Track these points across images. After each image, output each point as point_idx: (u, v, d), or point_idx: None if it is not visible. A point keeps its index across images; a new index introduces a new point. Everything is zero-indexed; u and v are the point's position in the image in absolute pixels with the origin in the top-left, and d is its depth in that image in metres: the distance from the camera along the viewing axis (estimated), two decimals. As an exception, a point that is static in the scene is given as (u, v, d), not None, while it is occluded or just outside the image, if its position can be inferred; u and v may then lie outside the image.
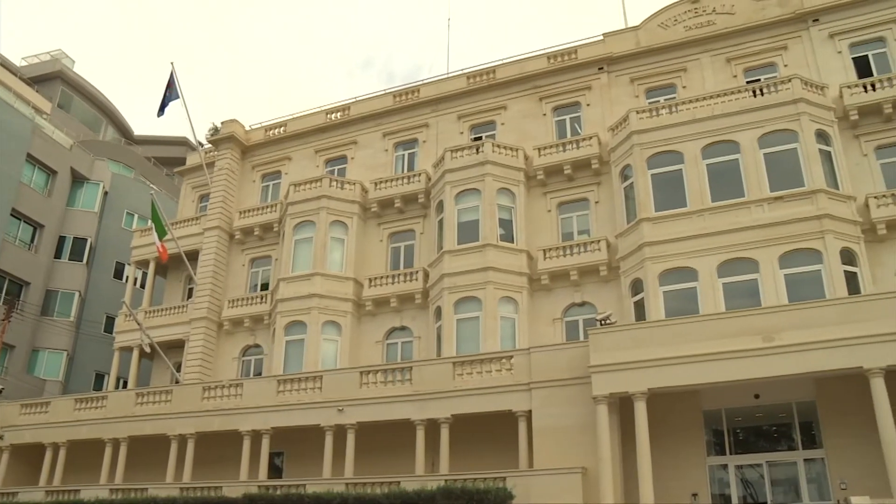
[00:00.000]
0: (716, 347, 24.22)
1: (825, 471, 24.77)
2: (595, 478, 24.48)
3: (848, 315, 23.64)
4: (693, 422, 26.46)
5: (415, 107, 42.48)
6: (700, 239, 30.90)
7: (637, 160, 33.24)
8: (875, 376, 22.46)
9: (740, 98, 32.76)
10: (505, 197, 36.05)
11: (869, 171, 32.27)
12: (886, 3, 35.17)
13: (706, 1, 38.52)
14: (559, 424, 26.29)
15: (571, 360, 26.97)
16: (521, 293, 34.35)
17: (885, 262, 30.44)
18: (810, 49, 35.82)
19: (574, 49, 40.06)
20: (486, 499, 23.15)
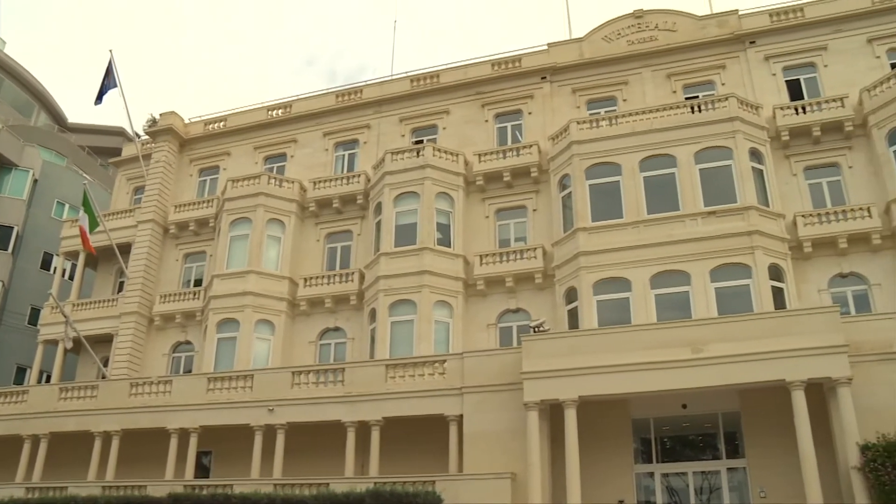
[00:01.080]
0: (646, 357, 24.59)
1: (746, 479, 25.36)
2: (524, 483, 24.64)
3: (773, 329, 24.27)
4: (622, 430, 26.82)
5: (357, 107, 42.32)
6: (635, 250, 31.42)
7: (576, 170, 33.65)
8: (796, 389, 23.11)
9: (679, 114, 33.45)
10: (444, 201, 36.16)
11: (798, 190, 33.27)
12: (817, 30, 36.61)
13: (649, 17, 39.27)
14: (490, 429, 26.41)
15: (504, 365, 27.12)
16: (456, 298, 34.47)
17: (810, 278, 31.40)
18: (747, 70, 36.80)
19: (518, 57, 40.40)
20: (414, 502, 23.11)
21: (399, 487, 23.95)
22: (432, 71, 41.74)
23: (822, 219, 31.85)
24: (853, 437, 22.22)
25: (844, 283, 31.49)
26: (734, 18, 38.03)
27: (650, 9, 39.52)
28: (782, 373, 23.35)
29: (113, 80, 42.56)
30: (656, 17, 39.23)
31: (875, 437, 21.90)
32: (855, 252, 31.39)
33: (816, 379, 23.28)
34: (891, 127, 32.11)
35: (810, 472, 22.13)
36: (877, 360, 23.81)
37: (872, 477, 21.36)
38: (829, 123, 33.48)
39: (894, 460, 21.10)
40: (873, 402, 23.02)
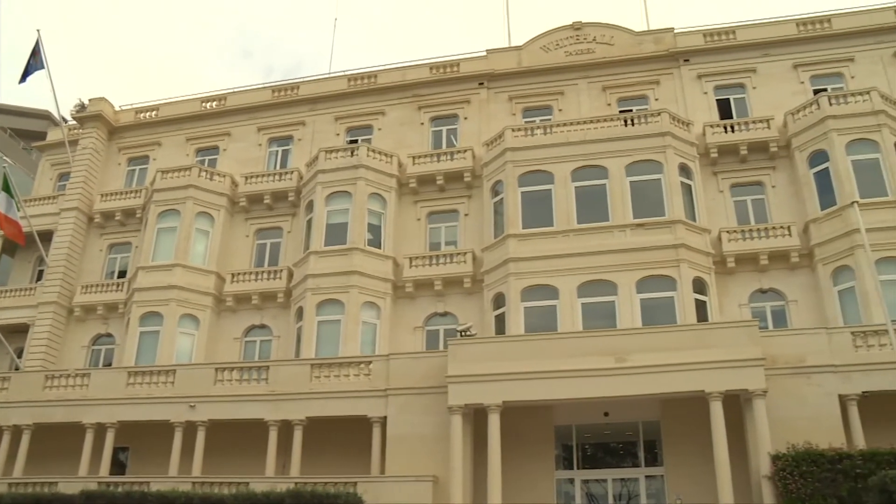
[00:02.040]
0: (571, 365, 24.90)
1: (664, 487, 25.90)
2: (446, 486, 24.66)
3: (695, 341, 24.91)
4: (544, 436, 27.09)
5: (293, 104, 41.94)
6: (563, 259, 31.79)
7: (509, 177, 33.91)
8: (715, 400, 23.72)
9: (612, 126, 34.03)
10: (376, 202, 36.05)
11: (724, 206, 34.16)
12: (747, 53, 37.82)
13: (588, 30, 39.86)
14: (414, 432, 26.37)
15: (430, 368, 27.12)
16: (384, 299, 34.37)
17: (731, 293, 32.22)
18: (680, 86, 37.64)
19: (457, 62, 40.56)
20: (335, 503, 23.00)
21: (320, 488, 23.80)
22: (370, 71, 41.63)
23: (745, 235, 32.76)
24: (765, 447, 22.93)
25: (764, 298, 32.40)
26: (670, 36, 38.87)
27: (589, 21, 40.13)
28: (702, 384, 23.95)
29: (40, 61, 41.34)
30: (595, 30, 39.83)
31: (785, 448, 22.60)
32: (775, 269, 32.35)
33: (734, 390, 23.96)
34: (812, 150, 33.20)
35: (724, 480, 22.77)
36: (790, 373, 24.62)
37: (781, 485, 22.06)
38: (756, 143, 34.49)
39: (802, 470, 21.85)
40: (785, 414, 23.79)
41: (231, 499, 23.90)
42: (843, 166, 32.00)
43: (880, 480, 19.97)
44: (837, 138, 32.52)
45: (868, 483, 20.62)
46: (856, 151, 32.31)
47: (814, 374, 24.60)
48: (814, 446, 22.34)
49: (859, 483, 21.13)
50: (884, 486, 19.73)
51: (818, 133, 33.11)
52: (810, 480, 21.67)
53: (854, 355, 24.88)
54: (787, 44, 37.55)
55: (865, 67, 36.49)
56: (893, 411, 21.95)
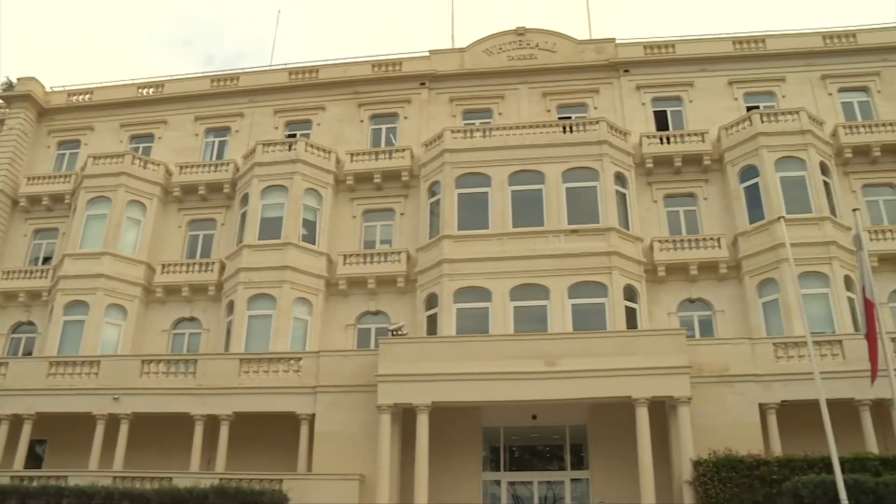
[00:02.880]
0: (500, 367, 25.05)
1: (588, 490, 26.25)
2: (373, 486, 24.58)
3: (624, 347, 25.33)
4: (472, 437, 27.21)
5: (232, 94, 41.29)
6: (497, 262, 31.96)
7: (446, 178, 33.97)
8: (640, 406, 24.14)
9: (551, 132, 34.38)
10: (312, 198, 35.73)
11: (657, 216, 34.77)
12: (685, 67, 38.65)
13: (531, 35, 40.19)
14: (342, 430, 26.19)
15: (360, 367, 26.98)
16: (317, 296, 34.08)
17: (661, 301, 32.79)
18: (619, 96, 38.20)
19: (399, 61, 40.49)
20: (260, 500, 22.67)
21: (245, 485, 23.51)
22: (312, 65, 41.27)
23: (676, 245, 33.39)
24: (688, 452, 23.43)
25: (692, 307, 33.06)
26: (611, 46, 39.44)
27: (532, 28, 40.49)
28: (629, 389, 24.35)
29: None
30: (538, 36, 40.19)
31: (707, 454, 23.11)
32: (704, 279, 33.05)
33: (660, 397, 24.44)
34: (743, 165, 34.02)
35: (647, 485, 23.23)
36: (715, 381, 25.23)
37: (702, 490, 22.56)
38: (690, 156, 35.21)
39: (721, 475, 22.40)
40: (708, 421, 24.40)
41: (153, 494, 23.32)
42: (772, 182, 32.87)
43: (793, 486, 20.67)
44: (767, 155, 33.40)
45: (782, 488, 21.29)
46: (784, 168, 33.23)
47: (737, 382, 25.31)
48: (734, 453, 22.90)
49: (774, 488, 21.76)
50: (796, 492, 20.44)
51: (750, 149, 33.96)
52: (729, 486, 22.23)
53: (775, 365, 25.69)
54: (723, 60, 38.48)
55: (795, 88, 37.61)
56: (809, 420, 22.53)
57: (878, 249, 32.03)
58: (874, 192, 35.01)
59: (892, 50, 38.05)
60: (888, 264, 32.41)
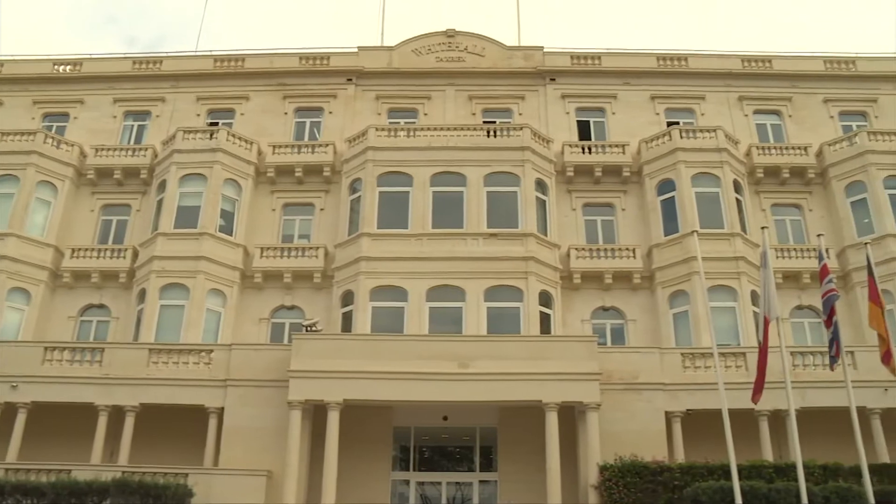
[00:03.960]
0: (414, 367, 25.03)
1: (496, 492, 26.43)
2: (280, 482, 24.25)
3: (536, 352, 25.65)
4: (383, 436, 27.11)
5: (154, 78, 40.22)
6: (415, 262, 31.97)
7: (368, 176, 33.83)
8: (551, 410, 24.44)
9: (475, 135, 34.59)
10: (231, 188, 35.11)
11: (574, 224, 35.32)
12: (610, 79, 39.42)
13: (460, 38, 40.36)
14: (251, 425, 25.75)
15: (273, 361, 26.59)
16: (231, 288, 33.48)
17: (575, 308, 33.30)
18: (544, 104, 38.67)
19: (327, 55, 40.14)
20: (163, 494, 22.14)
21: (148, 478, 22.82)
22: (238, 54, 40.54)
23: (592, 254, 33.95)
24: (595, 457, 23.87)
25: (605, 315, 33.66)
26: (539, 54, 39.90)
27: (462, 31, 40.63)
28: (540, 394, 24.64)
29: None
30: (467, 39, 40.38)
31: (613, 459, 23.56)
32: (618, 288, 33.69)
33: (570, 402, 24.82)
34: (660, 178, 34.85)
35: (554, 488, 23.55)
36: (624, 389, 25.77)
37: (606, 494, 23.00)
38: (610, 166, 35.89)
39: (626, 480, 22.90)
40: (616, 427, 24.90)
41: (49, 487, 22.38)
42: (688, 197, 33.74)
43: (693, 492, 21.55)
44: (685, 170, 34.28)
45: (683, 494, 21.99)
46: (700, 184, 34.17)
47: (645, 390, 25.92)
48: (639, 458, 23.45)
49: (676, 494, 22.39)
50: (696, 497, 21.34)
51: (668, 163, 34.80)
52: (633, 490, 22.72)
53: (682, 375, 26.44)
54: (647, 75, 39.38)
55: (714, 107, 38.76)
56: (711, 428, 23.18)
57: (782, 267, 33.14)
58: (782, 212, 36.31)
59: (803, 77, 39.62)
60: (791, 281, 33.60)
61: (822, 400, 25.49)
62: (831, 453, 23.42)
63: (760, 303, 22.93)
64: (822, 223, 35.25)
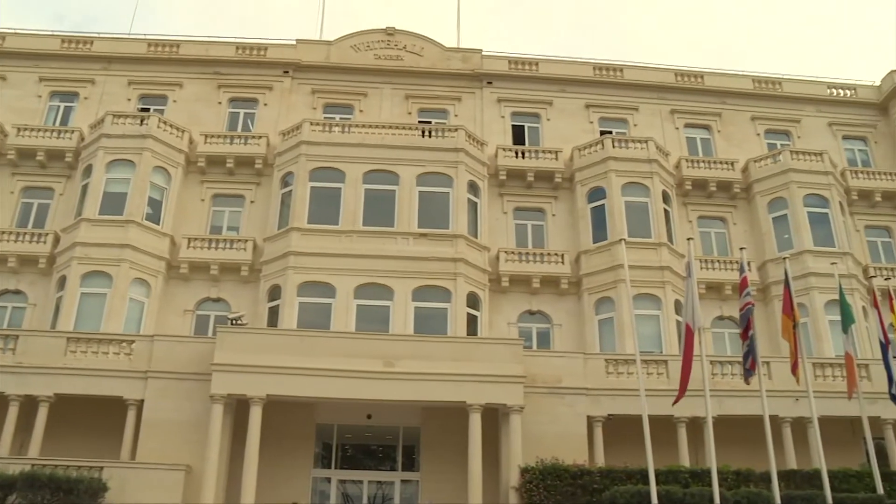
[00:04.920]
0: (339, 365, 24.88)
1: (417, 492, 26.44)
2: (199, 477, 23.80)
3: (462, 354, 25.78)
4: (305, 433, 26.85)
5: (84, 59, 39.01)
6: (344, 258, 31.81)
7: (300, 170, 33.53)
8: (474, 412, 24.57)
9: (409, 135, 34.59)
10: (160, 176, 34.37)
11: (505, 227, 35.62)
12: (546, 85, 39.88)
13: (400, 37, 40.30)
14: (171, 419, 25.14)
15: (196, 354, 26.05)
16: (156, 278, 32.78)
17: (503, 311, 33.56)
18: (480, 107, 38.88)
19: (265, 46, 39.65)
20: (75, 489, 21.34)
21: (60, 472, 21.94)
22: (173, 40, 39.70)
23: (521, 258, 34.26)
24: (517, 459, 24.05)
25: (532, 319, 34.00)
26: (477, 57, 40.09)
27: (402, 29, 40.60)
28: (464, 395, 24.76)
29: None
30: (406, 38, 40.35)
31: (535, 462, 23.77)
32: (545, 293, 34.08)
33: (493, 404, 24.97)
34: (592, 186, 35.36)
35: (475, 489, 23.65)
36: (547, 392, 26.04)
37: (527, 497, 23.19)
38: (543, 172, 36.27)
39: (546, 483, 23.13)
40: (538, 430, 25.12)
41: (-52, 481, 21.41)
42: (617, 205, 34.30)
43: (611, 495, 21.94)
44: (615, 179, 34.84)
45: (602, 497, 22.38)
46: (629, 193, 34.77)
47: (568, 394, 26.25)
48: (560, 462, 23.70)
49: (595, 497, 22.74)
50: (614, 501, 21.74)
51: (599, 171, 35.32)
52: (553, 493, 22.96)
53: (605, 380, 26.87)
54: (582, 84, 39.93)
55: (646, 119, 39.52)
56: (631, 433, 23.65)
57: (706, 278, 33.96)
58: (707, 224, 37.24)
59: (732, 94, 40.75)
60: (714, 292, 34.45)
61: (738, 408, 26.32)
62: (745, 459, 24.13)
63: (683, 312, 23.49)
64: (745, 237, 36.24)
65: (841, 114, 41.56)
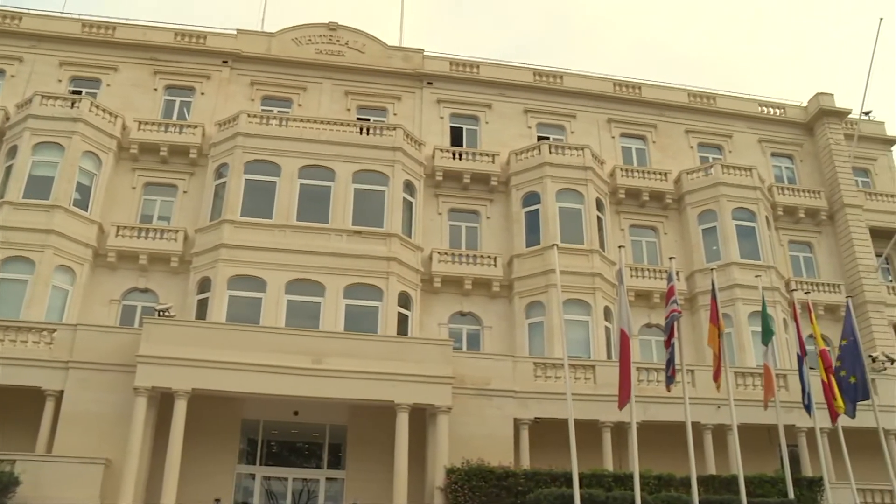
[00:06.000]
0: (267, 360, 24.54)
1: (343, 490, 26.27)
2: (119, 472, 23.15)
3: (392, 353, 25.71)
4: (231, 428, 26.42)
5: (12, 35, 37.45)
6: (277, 253, 31.53)
7: (236, 162, 33.10)
8: (402, 411, 24.54)
9: (347, 131, 34.42)
10: (90, 161, 33.49)
11: (439, 228, 35.73)
12: (486, 89, 40.19)
13: (342, 32, 40.07)
14: (92, 411, 24.40)
15: (121, 345, 25.37)
16: (82, 265, 31.94)
17: (434, 311, 33.65)
18: (419, 107, 38.90)
19: (204, 34, 38.95)
20: (-17, 483, 20.67)
21: (-32, 465, 21.26)
22: (108, 21, 38.64)
23: (454, 259, 34.42)
24: (443, 460, 24.11)
25: (463, 321, 34.18)
26: (419, 57, 40.07)
27: (345, 25, 40.37)
28: (392, 394, 24.71)
29: None
30: (349, 34, 40.13)
31: (461, 463, 23.86)
32: (477, 295, 34.30)
33: (421, 404, 24.99)
34: (527, 191, 35.70)
35: (401, 488, 23.62)
36: (475, 394, 26.16)
37: (452, 497, 23.28)
38: (479, 174, 36.51)
39: (472, 484, 23.23)
40: (466, 431, 25.23)
41: None
42: (551, 211, 34.68)
43: (536, 497, 22.23)
44: (550, 184, 35.22)
45: (527, 499, 22.60)
46: (564, 199, 35.21)
47: (496, 396, 26.40)
48: (486, 463, 23.84)
49: (520, 499, 22.94)
50: (537, 503, 22.04)
51: (535, 176, 35.66)
52: (478, 494, 23.08)
53: (533, 384, 27.11)
54: (522, 89, 40.27)
55: (584, 126, 40.04)
56: (557, 436, 23.98)
57: (635, 286, 34.58)
58: (639, 233, 37.93)
59: (668, 107, 41.60)
60: (642, 300, 35.10)
61: (662, 414, 26.83)
62: (667, 464, 24.69)
63: (614, 318, 23.92)
64: (675, 247, 37.01)
65: (770, 131, 42.83)
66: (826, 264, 39.62)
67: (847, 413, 25.80)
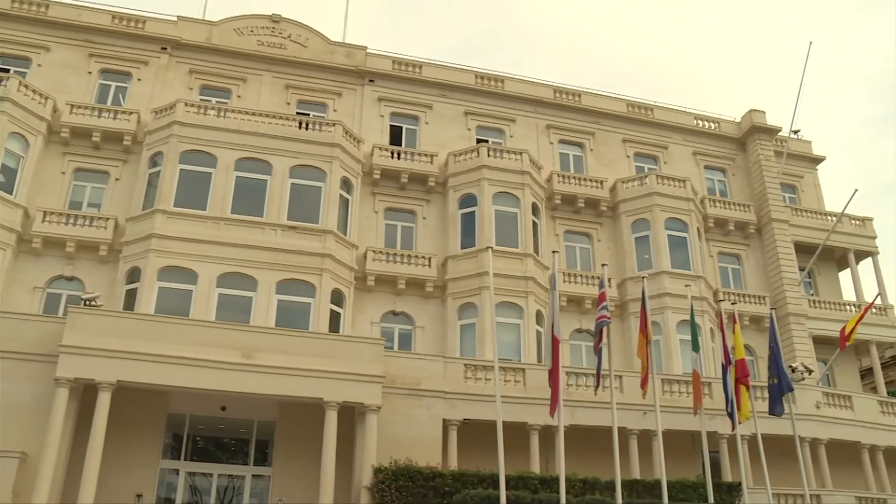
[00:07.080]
0: (196, 354, 24.18)
1: (269, 487, 25.99)
2: (36, 465, 22.54)
3: (323, 350, 25.57)
4: (155, 423, 25.90)
5: (-67, 8, 36.27)
6: (209, 245, 31.06)
7: (171, 151, 32.51)
8: (331, 409, 24.44)
9: (286, 125, 34.06)
10: (17, 143, 32.43)
11: (375, 226, 35.67)
12: (428, 89, 40.24)
13: (285, 25, 39.66)
14: (10, 402, 23.50)
15: (43, 334, 24.62)
16: (5, 251, 30.89)
17: (366, 310, 33.58)
18: (360, 104, 38.75)
19: (144, 19, 38.01)
20: None
21: None
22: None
23: (389, 258, 34.37)
24: (371, 459, 24.08)
25: (395, 320, 34.17)
26: (362, 54, 39.90)
27: (288, 18, 39.94)
28: (322, 391, 24.58)
29: None
30: (292, 27, 39.75)
31: (388, 462, 23.84)
32: (410, 294, 34.32)
33: (351, 402, 24.90)
34: (464, 193, 35.92)
35: (327, 486, 23.49)
36: (405, 394, 26.25)
37: (378, 497, 23.25)
38: (417, 174, 36.51)
39: (399, 484, 23.26)
40: (395, 431, 25.32)
41: None
42: (487, 213, 34.89)
43: (462, 498, 22.34)
44: (487, 187, 35.43)
45: (453, 500, 22.70)
46: (500, 202, 35.46)
47: (426, 397, 26.53)
48: (413, 463, 23.89)
49: (446, 500, 23.04)
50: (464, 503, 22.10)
51: (472, 178, 35.86)
52: (405, 494, 23.10)
53: (463, 385, 27.26)
54: (463, 91, 40.45)
55: (523, 131, 40.42)
56: (486, 438, 24.16)
57: (568, 291, 35.02)
58: (573, 239, 38.44)
59: (606, 116, 42.23)
60: (574, 305, 35.56)
61: (589, 419, 27.29)
62: (592, 468, 25.11)
63: (546, 323, 24.19)
64: (608, 254, 37.61)
65: (705, 144, 43.82)
66: (752, 276, 40.74)
67: (774, 412, 27.10)
